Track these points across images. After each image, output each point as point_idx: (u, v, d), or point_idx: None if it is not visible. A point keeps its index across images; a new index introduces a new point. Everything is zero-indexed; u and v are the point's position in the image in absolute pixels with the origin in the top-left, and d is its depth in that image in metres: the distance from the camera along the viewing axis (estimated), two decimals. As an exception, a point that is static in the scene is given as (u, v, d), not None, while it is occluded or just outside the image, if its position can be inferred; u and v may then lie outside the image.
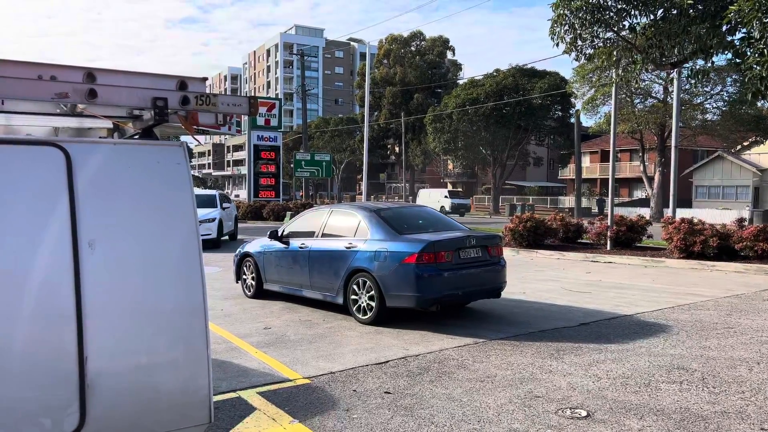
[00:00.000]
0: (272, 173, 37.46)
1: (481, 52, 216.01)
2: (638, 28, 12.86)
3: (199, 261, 2.77)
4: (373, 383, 5.26)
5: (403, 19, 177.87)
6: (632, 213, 26.36)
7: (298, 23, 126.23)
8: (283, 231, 9.38)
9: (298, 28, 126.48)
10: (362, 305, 7.74)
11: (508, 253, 16.18)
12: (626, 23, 12.99)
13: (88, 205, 2.52)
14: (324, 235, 8.62)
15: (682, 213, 22.46)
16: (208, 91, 2.76)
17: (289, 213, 29.76)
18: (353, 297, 7.87)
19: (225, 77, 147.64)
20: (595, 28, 12.76)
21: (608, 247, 15.56)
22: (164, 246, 2.70)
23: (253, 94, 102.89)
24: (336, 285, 8.10)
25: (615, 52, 13.27)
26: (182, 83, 2.74)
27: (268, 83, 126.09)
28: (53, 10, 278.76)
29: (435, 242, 7.52)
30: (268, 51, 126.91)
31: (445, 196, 46.97)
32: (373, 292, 7.58)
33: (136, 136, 2.91)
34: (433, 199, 44.23)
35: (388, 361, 5.94)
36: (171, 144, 2.72)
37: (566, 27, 12.61)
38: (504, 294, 9.74)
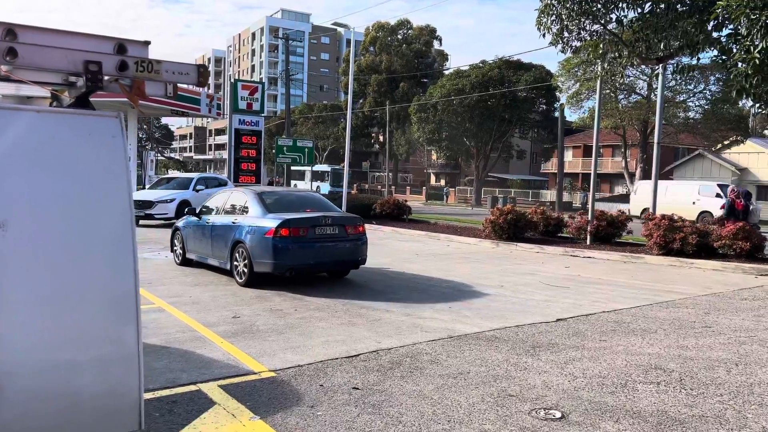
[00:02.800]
0: (253, 158, 36.76)
1: (468, 44, 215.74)
2: (625, 21, 12.71)
3: (131, 245, 2.47)
4: (341, 378, 5.04)
5: (390, 7, 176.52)
6: (613, 208, 26.43)
7: (284, 7, 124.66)
8: (200, 208, 10.83)
9: (284, 12, 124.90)
10: (240, 271, 9.19)
11: (487, 245, 16.07)
12: (613, 16, 12.84)
13: (2, 181, 2.22)
14: (224, 212, 10.10)
15: (662, 209, 22.50)
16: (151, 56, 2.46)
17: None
18: (235, 263, 9.30)
19: (209, 60, 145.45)
20: (582, 20, 12.59)
21: (588, 242, 15.49)
22: (91, 228, 2.39)
23: (238, 77, 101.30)
24: (225, 254, 9.58)
25: (601, 45, 13.11)
26: (121, 46, 2.43)
27: (253, 67, 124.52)
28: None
29: (290, 219, 8.87)
30: (253, 34, 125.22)
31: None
32: (247, 261, 9.00)
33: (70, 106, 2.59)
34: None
35: (359, 355, 5.73)
36: (106, 114, 2.41)
37: (553, 17, 12.42)
38: (482, 287, 9.60)
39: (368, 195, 41.37)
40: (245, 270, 9.06)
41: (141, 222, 18.38)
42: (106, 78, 2.38)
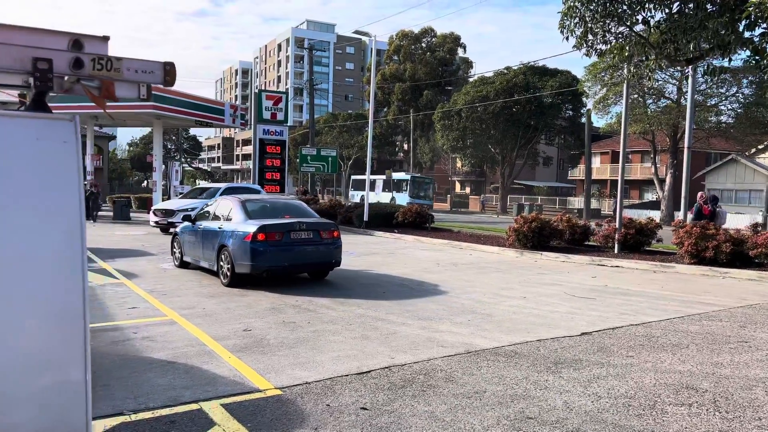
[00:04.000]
0: (277, 167, 36.91)
1: (493, 51, 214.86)
2: (652, 23, 12.27)
3: (80, 259, 2.25)
4: (350, 397, 4.79)
5: (413, 16, 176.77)
6: (642, 215, 25.71)
7: (309, 18, 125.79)
8: (195, 215, 11.73)
9: (309, 23, 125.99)
10: (224, 272, 9.96)
11: (510, 254, 15.67)
12: (640, 17, 12.41)
13: None
14: (213, 218, 10.94)
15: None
16: (111, 53, 2.24)
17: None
18: (221, 264, 10.10)
19: (236, 71, 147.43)
20: (606, 22, 12.19)
21: (616, 251, 14.99)
22: (31, 241, 2.17)
23: (264, 88, 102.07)
24: (213, 256, 10.38)
25: (627, 48, 12.68)
26: (76, 42, 2.21)
27: (279, 78, 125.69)
28: (64, 2, 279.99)
29: (266, 225, 9.62)
30: (279, 45, 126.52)
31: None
32: (230, 263, 9.77)
33: (24, 109, 2.39)
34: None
35: (370, 371, 5.47)
36: (58, 118, 2.19)
37: (576, 20, 12.04)
38: (503, 298, 9.27)
39: (390, 203, 41.11)
40: (228, 272, 9.89)
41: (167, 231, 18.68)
42: (66, 78, 2.17)
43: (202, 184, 31.71)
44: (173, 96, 26.93)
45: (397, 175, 50.06)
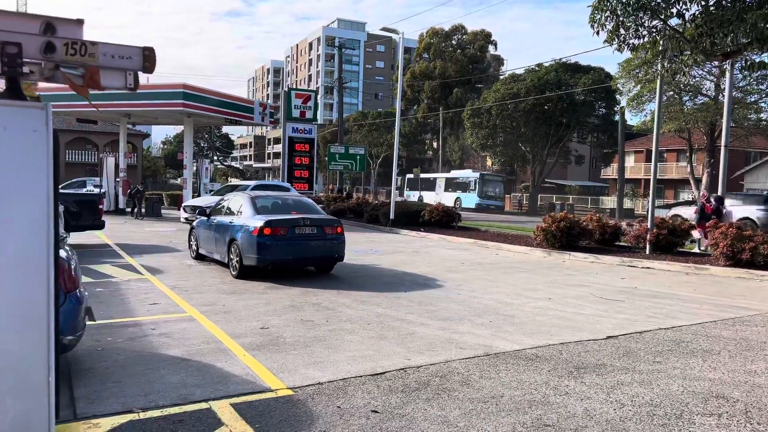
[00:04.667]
0: (306, 166, 37.09)
1: (524, 48, 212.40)
2: (687, 16, 11.85)
3: (46, 258, 2.16)
4: (361, 399, 4.68)
5: (444, 14, 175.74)
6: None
7: (340, 17, 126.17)
8: (210, 210, 12.26)
9: (340, 21, 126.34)
10: (234, 264, 10.49)
11: (538, 254, 15.36)
12: (674, 10, 11.98)
13: None
14: (225, 213, 11.43)
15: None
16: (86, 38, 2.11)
17: (320, 206, 29.28)
18: (231, 257, 10.60)
19: (268, 70, 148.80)
20: (639, 15, 11.80)
21: (647, 252, 14.56)
22: None
23: (295, 86, 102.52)
24: (224, 250, 10.92)
25: (661, 42, 12.27)
26: (49, 25, 2.11)
27: (310, 77, 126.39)
28: (103, 3, 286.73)
29: (272, 220, 10.08)
30: (310, 44, 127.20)
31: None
32: (238, 255, 10.30)
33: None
34: None
35: (384, 372, 5.35)
36: (28, 105, 2.10)
37: (607, 13, 11.69)
38: (528, 299, 9.05)
39: (416, 202, 40.85)
40: (237, 264, 10.38)
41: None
42: (44, 65, 2.08)
43: (233, 181, 31.91)
44: (203, 94, 27.19)
45: (462, 173, 46.29)
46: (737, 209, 18.65)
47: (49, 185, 2.15)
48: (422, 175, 49.84)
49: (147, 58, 2.11)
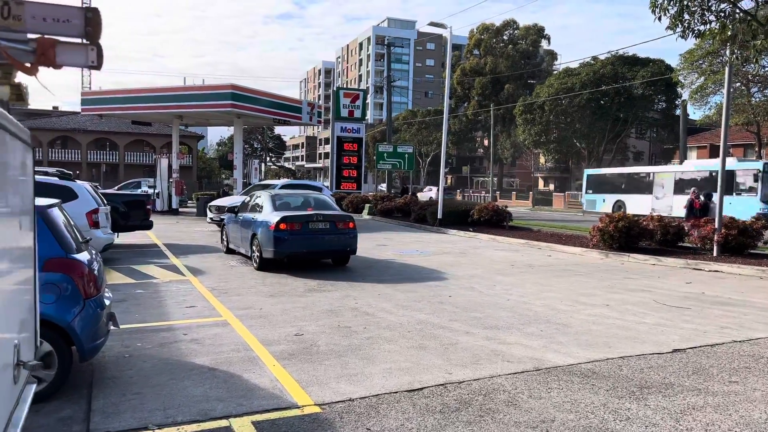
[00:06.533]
0: (354, 165, 36.94)
1: (578, 43, 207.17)
2: (761, -4, 10.84)
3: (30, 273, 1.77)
4: (394, 420, 4.23)
5: (495, 10, 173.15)
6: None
7: (390, 16, 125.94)
8: (237, 207, 13.22)
9: (390, 20, 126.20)
10: (255, 257, 11.32)
11: (594, 255, 14.52)
12: (745, -9, 11.01)
13: None
14: (249, 210, 12.33)
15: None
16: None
17: (367, 205, 29.02)
18: (253, 250, 11.42)
19: (319, 71, 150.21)
20: (706, -2, 10.89)
21: (714, 254, 13.51)
22: None
23: (345, 86, 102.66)
24: (248, 244, 11.74)
25: (730, 26, 11.29)
26: None
27: (360, 76, 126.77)
28: (161, 9, 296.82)
29: (287, 216, 10.87)
30: (360, 44, 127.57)
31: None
32: (258, 249, 11.11)
33: None
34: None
35: (422, 388, 4.88)
36: None
37: (670, -3, 10.82)
38: (583, 306, 8.41)
39: (465, 201, 40.03)
40: (257, 257, 11.18)
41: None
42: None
43: (266, 181, 32.03)
44: (251, 94, 27.34)
45: (708, 164, 26.61)
46: None
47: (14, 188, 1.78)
48: (619, 170, 33.05)
49: (90, 22, 1.71)
